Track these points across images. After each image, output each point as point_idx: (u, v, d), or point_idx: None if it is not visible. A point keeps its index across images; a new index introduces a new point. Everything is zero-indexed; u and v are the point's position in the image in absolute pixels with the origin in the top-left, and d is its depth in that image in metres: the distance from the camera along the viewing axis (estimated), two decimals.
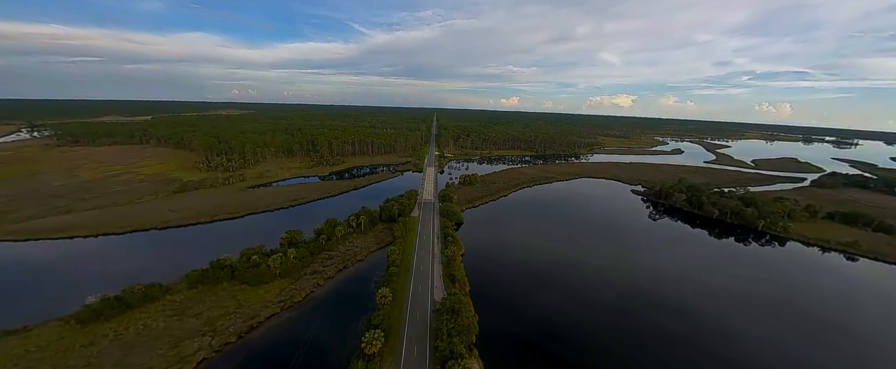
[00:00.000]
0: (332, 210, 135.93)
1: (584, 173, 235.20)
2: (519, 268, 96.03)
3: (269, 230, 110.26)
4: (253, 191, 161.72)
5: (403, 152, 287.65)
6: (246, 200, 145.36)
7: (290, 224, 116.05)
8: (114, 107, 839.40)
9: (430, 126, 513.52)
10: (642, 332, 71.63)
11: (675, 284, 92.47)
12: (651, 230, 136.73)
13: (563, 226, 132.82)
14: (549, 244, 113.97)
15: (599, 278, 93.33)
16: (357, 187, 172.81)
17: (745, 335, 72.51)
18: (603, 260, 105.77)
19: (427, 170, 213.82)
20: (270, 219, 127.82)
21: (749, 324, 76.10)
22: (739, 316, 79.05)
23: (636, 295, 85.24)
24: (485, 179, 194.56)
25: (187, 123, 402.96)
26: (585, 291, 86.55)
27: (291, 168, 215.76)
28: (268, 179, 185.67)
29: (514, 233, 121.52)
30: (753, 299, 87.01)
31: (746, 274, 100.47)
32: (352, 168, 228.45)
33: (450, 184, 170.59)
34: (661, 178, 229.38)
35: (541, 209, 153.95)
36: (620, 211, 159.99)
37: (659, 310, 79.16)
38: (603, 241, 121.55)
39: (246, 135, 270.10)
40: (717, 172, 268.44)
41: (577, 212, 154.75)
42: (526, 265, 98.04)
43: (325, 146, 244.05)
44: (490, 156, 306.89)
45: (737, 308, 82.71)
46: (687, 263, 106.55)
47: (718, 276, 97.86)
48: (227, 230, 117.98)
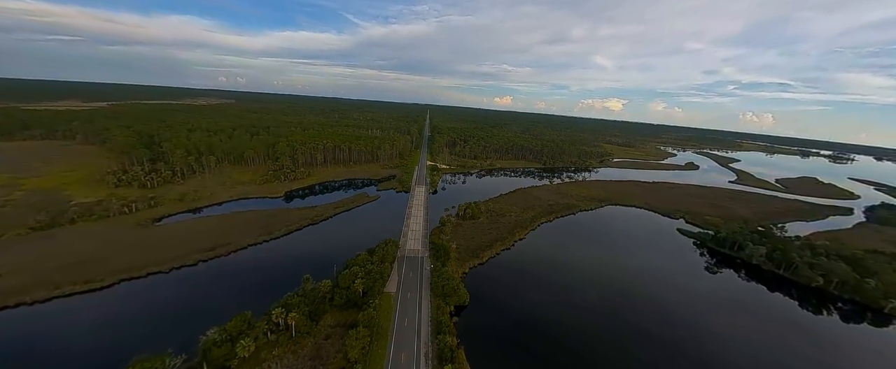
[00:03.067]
0: (263, 272, 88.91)
1: (607, 197, 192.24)
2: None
3: (126, 333, 62.71)
4: (158, 228, 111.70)
5: (389, 161, 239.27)
6: (136, 247, 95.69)
7: (177, 308, 69.01)
8: (80, 91, 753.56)
9: (422, 127, 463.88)
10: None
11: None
12: (727, 303, 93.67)
13: (613, 302, 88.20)
14: (599, 343, 69.19)
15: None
16: (315, 220, 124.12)
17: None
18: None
19: (415, 192, 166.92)
20: (153, 294, 78.55)
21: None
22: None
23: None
24: (491, 208, 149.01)
25: (142, 113, 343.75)
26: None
27: (238, 184, 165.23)
28: (194, 204, 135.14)
29: (547, 323, 76.31)
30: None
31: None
32: (318, 184, 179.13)
33: (445, 220, 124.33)
34: (699, 207, 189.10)
35: (573, 264, 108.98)
36: (676, 269, 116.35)
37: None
38: (672, 335, 77.32)
39: (193, 135, 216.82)
40: (756, 199, 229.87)
41: (625, 272, 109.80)
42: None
43: (288, 154, 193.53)
44: (491, 167, 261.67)
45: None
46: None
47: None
48: (49, 325, 68.41)
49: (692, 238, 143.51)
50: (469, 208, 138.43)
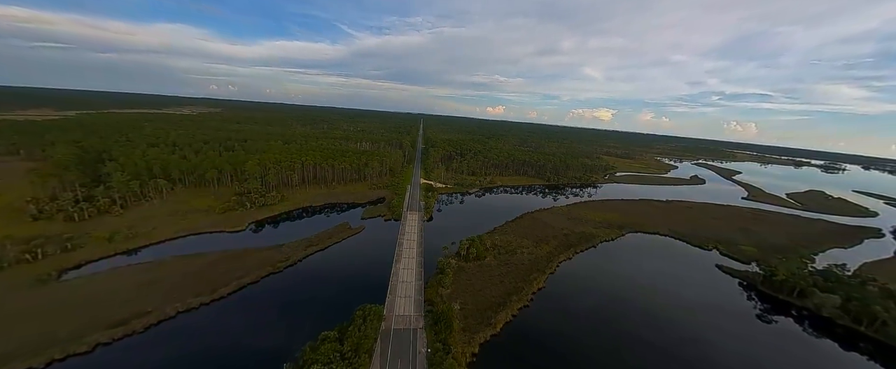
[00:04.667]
0: (183, 364, 62.06)
1: (625, 222, 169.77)
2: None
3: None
4: (60, 286, 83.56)
5: (378, 180, 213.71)
6: (12, 321, 68.11)
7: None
8: (58, 99, 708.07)
9: (415, 138, 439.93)
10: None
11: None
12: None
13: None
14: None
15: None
16: (277, 267, 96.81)
17: None
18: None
19: (407, 220, 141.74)
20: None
21: None
22: None
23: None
24: (498, 242, 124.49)
25: (108, 124, 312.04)
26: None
27: (194, 212, 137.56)
28: (127, 244, 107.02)
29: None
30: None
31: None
32: (292, 211, 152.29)
33: (444, 265, 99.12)
34: (726, 231, 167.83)
35: (612, 324, 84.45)
36: (731, 328, 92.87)
37: None
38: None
39: (149, 153, 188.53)
40: (779, 220, 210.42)
41: (675, 333, 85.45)
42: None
43: (258, 174, 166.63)
44: (491, 185, 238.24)
45: None
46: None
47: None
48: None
49: (738, 277, 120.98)
50: (473, 245, 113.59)
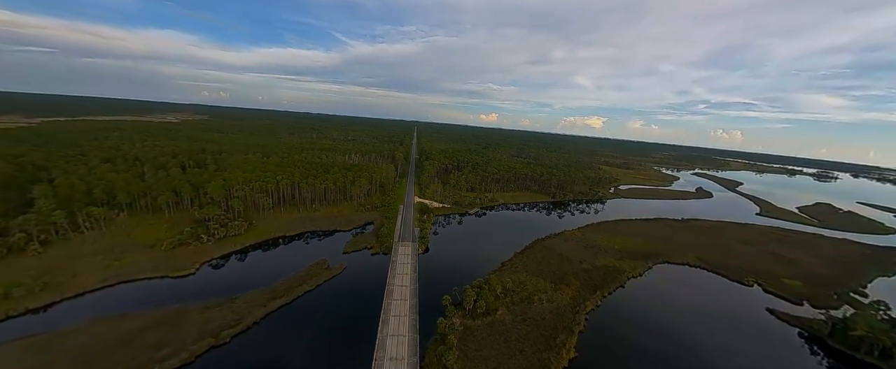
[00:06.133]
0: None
1: (648, 249, 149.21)
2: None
3: None
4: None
5: (365, 200, 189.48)
6: None
7: None
8: (33, 104, 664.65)
9: (408, 149, 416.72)
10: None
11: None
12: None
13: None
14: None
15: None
16: (220, 339, 71.29)
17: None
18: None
19: (399, 254, 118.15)
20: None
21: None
22: None
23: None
24: (509, 285, 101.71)
25: (71, 133, 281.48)
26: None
27: (135, 249, 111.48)
28: (27, 302, 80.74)
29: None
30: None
31: None
32: (261, 243, 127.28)
33: (446, 327, 75.99)
34: (757, 260, 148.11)
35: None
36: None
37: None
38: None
39: (96, 171, 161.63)
40: (806, 241, 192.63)
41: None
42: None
43: (221, 198, 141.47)
44: (493, 203, 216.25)
45: None
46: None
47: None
48: None
49: (797, 326, 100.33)
50: (481, 293, 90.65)
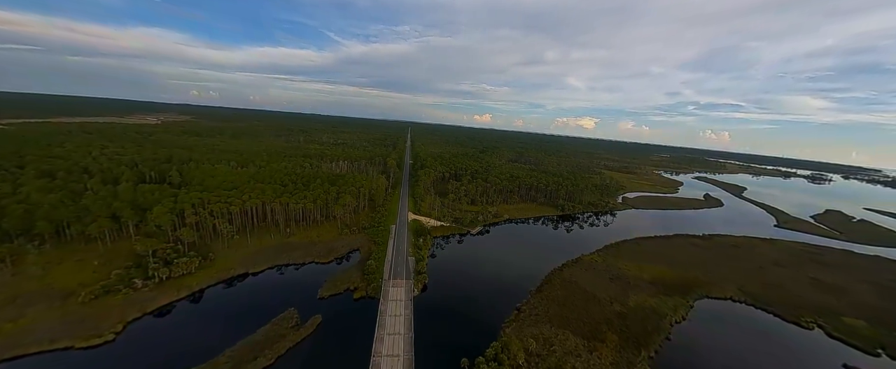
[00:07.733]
0: None
1: (682, 280, 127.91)
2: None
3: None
4: None
5: (352, 219, 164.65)
6: None
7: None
8: (3, 103, 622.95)
9: (402, 153, 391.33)
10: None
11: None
12: None
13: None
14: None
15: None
16: None
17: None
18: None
19: (390, 296, 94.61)
20: None
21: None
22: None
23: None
24: (532, 345, 78.87)
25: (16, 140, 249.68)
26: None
27: (44, 297, 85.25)
28: None
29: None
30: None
31: None
32: (215, 285, 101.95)
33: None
34: (802, 289, 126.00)
35: None
36: None
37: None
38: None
39: (26, 188, 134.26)
40: (840, 262, 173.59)
41: None
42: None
43: (168, 225, 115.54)
44: (497, 218, 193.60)
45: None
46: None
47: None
48: None
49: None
50: (498, 362, 67.63)
